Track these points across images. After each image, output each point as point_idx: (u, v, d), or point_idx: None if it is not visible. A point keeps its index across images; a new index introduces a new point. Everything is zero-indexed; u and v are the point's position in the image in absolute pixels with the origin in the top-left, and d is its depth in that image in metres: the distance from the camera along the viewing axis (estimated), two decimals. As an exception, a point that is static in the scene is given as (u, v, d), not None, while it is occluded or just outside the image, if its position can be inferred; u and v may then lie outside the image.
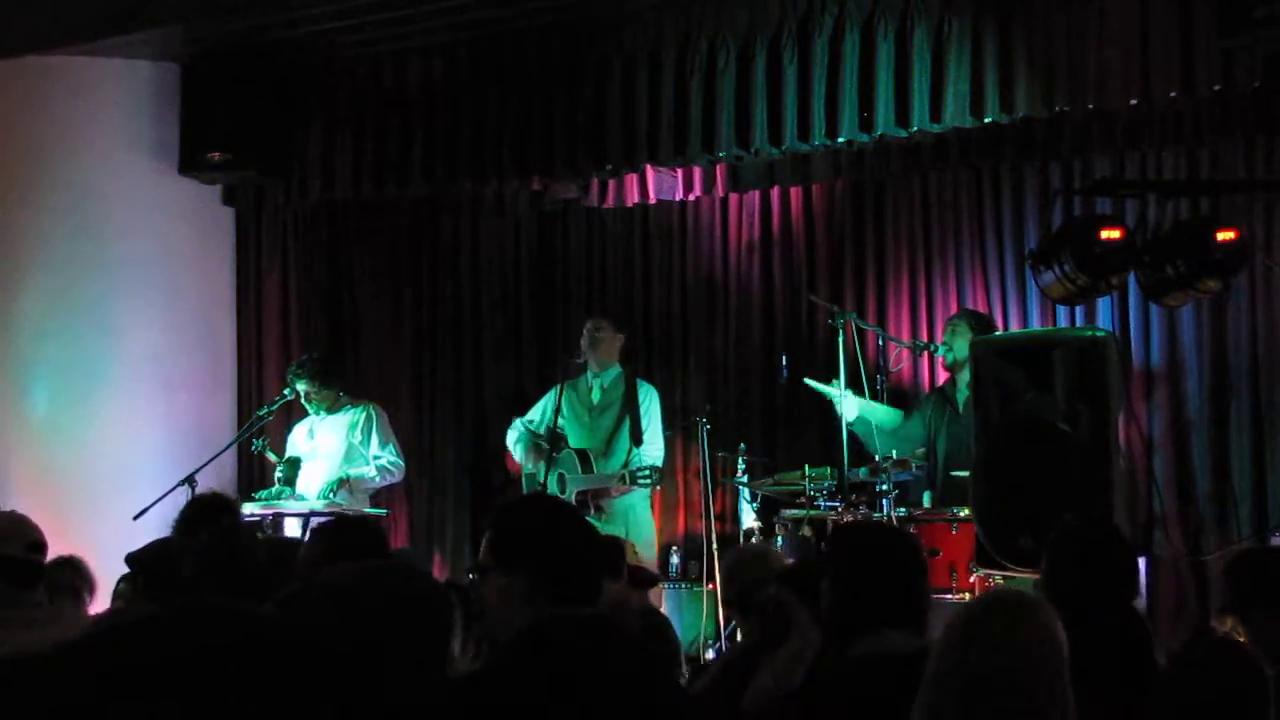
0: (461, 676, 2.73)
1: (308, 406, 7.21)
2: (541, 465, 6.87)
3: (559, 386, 7.02)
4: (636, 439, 6.87)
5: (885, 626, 3.04)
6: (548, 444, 6.89)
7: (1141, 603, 4.72)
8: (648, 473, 6.68)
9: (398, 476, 7.26)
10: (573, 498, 6.72)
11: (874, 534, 4.00)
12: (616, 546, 4.64)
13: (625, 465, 6.81)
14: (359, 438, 7.14)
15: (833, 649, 3.19)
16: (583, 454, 6.89)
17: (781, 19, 6.50)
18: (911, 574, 3.19)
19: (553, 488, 6.70)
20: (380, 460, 7.11)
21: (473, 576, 2.99)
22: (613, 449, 6.92)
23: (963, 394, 6.59)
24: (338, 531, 3.99)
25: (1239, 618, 3.39)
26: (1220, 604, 3.70)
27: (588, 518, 6.61)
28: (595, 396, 7.06)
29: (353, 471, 7.04)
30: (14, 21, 7.04)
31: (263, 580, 3.34)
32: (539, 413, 7.16)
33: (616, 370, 7.09)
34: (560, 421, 7.01)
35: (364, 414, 7.18)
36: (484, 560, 2.93)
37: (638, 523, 6.77)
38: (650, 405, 7.00)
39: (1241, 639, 3.40)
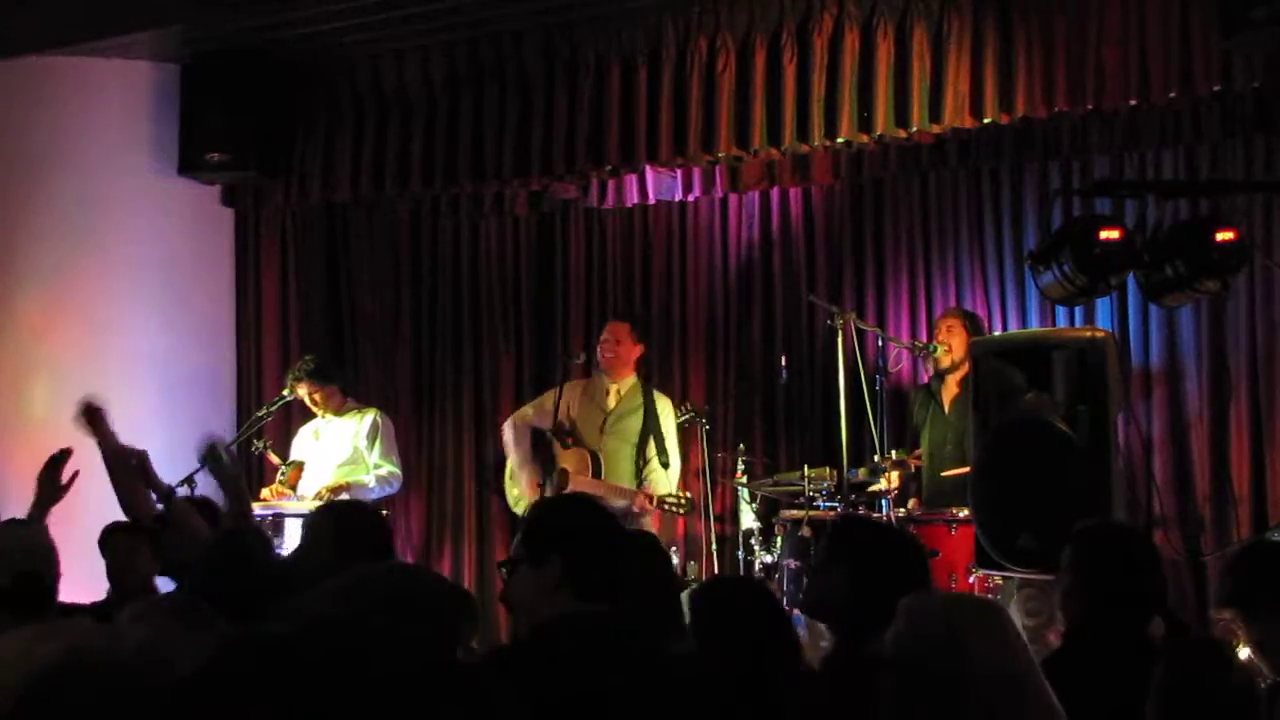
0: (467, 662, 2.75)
1: (315, 409, 7.20)
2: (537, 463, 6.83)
3: (559, 387, 6.97)
4: (664, 461, 6.70)
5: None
6: (554, 440, 6.83)
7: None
8: (678, 500, 6.60)
9: (395, 488, 7.23)
10: None
11: (884, 531, 4.02)
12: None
13: (638, 478, 6.72)
14: (364, 443, 7.13)
15: (844, 644, 3.20)
16: (594, 456, 6.80)
17: (781, 19, 6.50)
18: (923, 571, 3.27)
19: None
20: (380, 470, 7.10)
21: (503, 570, 3.04)
22: (623, 460, 6.79)
23: (950, 392, 6.58)
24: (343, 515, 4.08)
25: (1242, 612, 3.36)
26: (1222, 596, 3.64)
27: None
28: (611, 402, 6.91)
29: (352, 479, 7.03)
30: (14, 21, 7.04)
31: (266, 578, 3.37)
32: (535, 410, 7.07)
33: (633, 379, 6.95)
34: (569, 421, 6.91)
35: (370, 421, 7.16)
36: (516, 553, 3.00)
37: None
38: (671, 423, 6.84)
39: (1238, 636, 3.39)
